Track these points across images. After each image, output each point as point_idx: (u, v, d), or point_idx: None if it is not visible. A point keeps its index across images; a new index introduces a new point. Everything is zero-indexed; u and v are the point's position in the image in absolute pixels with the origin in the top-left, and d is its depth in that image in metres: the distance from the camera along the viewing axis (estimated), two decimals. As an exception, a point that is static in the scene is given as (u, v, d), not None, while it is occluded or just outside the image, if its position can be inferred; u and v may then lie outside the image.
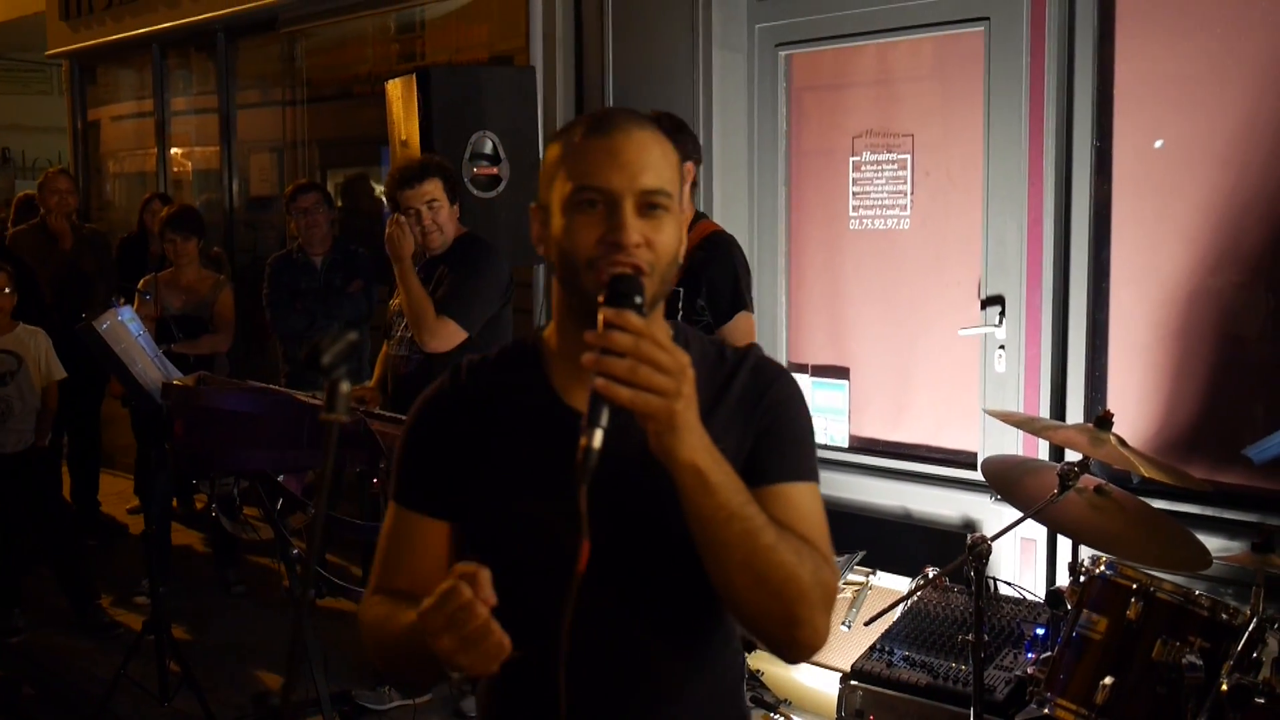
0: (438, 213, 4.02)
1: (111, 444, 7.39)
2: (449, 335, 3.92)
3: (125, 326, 4.13)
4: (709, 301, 3.57)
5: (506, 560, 1.51)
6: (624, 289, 1.43)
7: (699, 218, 3.72)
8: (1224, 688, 2.27)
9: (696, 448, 1.37)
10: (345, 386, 1.20)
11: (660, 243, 1.48)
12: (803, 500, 1.54)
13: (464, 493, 1.55)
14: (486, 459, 1.55)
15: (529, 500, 1.52)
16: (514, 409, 1.58)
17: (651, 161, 1.48)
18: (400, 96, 4.90)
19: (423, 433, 1.62)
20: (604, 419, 1.33)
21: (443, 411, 1.61)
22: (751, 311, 3.63)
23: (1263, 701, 2.24)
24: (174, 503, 6.68)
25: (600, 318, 1.34)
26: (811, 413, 1.64)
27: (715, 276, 3.55)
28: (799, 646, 1.47)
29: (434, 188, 4.01)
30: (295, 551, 3.55)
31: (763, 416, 1.56)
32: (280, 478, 3.69)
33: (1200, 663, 2.42)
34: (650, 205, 1.48)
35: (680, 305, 3.55)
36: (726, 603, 1.47)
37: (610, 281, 1.44)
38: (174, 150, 8.48)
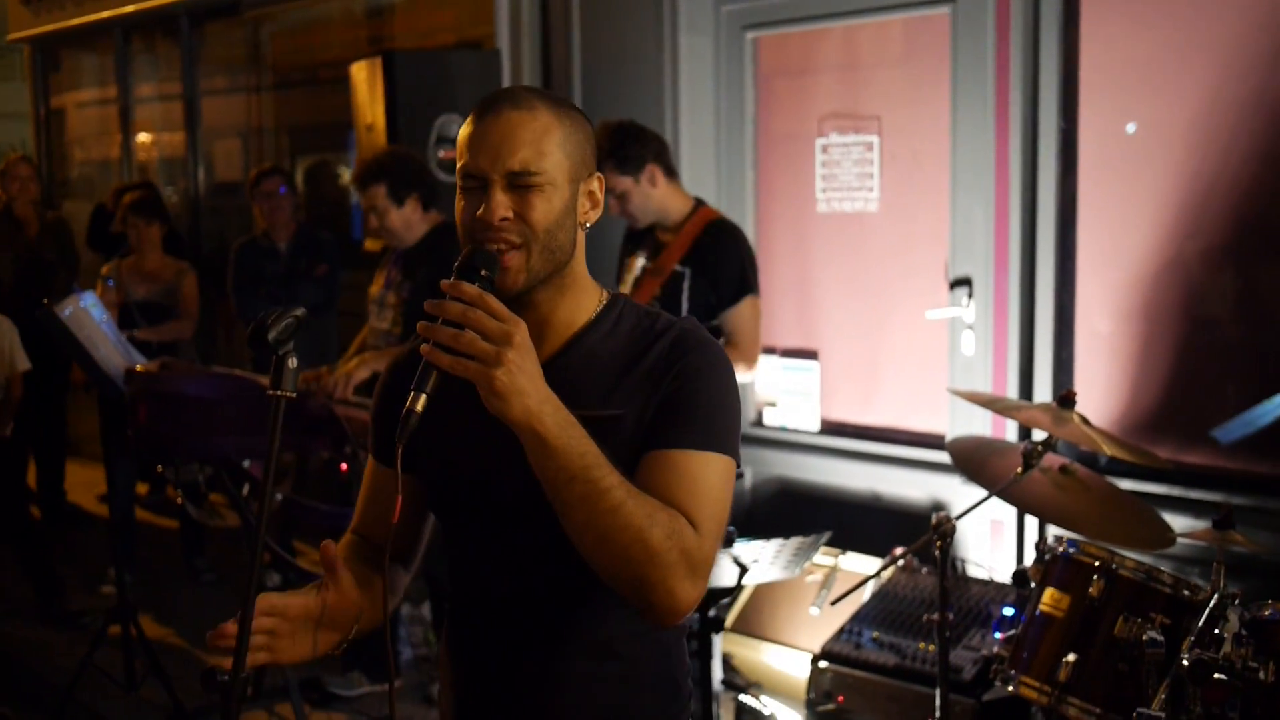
0: (382, 217, 4.02)
1: (75, 432, 7.32)
2: None
3: (88, 312, 4.06)
4: (714, 285, 3.72)
5: (444, 507, 1.70)
6: (474, 262, 1.51)
7: (698, 205, 3.87)
8: (1185, 663, 2.28)
9: (531, 411, 1.42)
10: (293, 363, 1.19)
11: (533, 217, 1.56)
12: (691, 468, 1.55)
13: (412, 446, 1.61)
14: (429, 414, 1.59)
15: (459, 451, 1.65)
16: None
17: (520, 143, 1.56)
18: (365, 80, 4.86)
19: (384, 390, 1.77)
20: (430, 384, 1.43)
21: (401, 370, 1.72)
22: (757, 295, 3.79)
23: (1223, 676, 2.25)
24: (142, 489, 6.63)
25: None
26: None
27: (722, 261, 3.72)
28: (655, 610, 1.50)
29: (375, 194, 3.99)
30: (261, 538, 3.52)
31: (669, 385, 1.59)
32: (246, 463, 3.66)
33: (1161, 639, 2.44)
34: (518, 185, 1.56)
35: (687, 287, 3.71)
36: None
37: (466, 254, 1.54)
38: (139, 137, 8.39)
